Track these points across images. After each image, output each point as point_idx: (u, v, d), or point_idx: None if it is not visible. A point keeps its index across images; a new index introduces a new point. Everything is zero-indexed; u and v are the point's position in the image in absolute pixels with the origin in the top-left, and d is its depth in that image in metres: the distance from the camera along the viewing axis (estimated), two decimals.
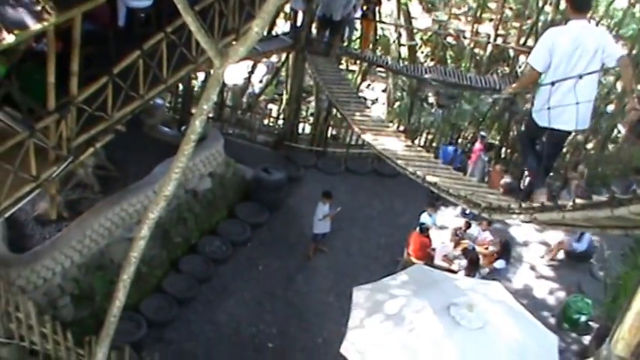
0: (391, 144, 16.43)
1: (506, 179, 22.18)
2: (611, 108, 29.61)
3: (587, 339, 18.04)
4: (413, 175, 13.73)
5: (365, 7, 24.58)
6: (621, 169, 23.53)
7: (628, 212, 6.06)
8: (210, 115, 24.05)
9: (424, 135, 26.21)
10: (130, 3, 15.32)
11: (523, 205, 9.00)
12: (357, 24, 25.86)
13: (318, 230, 19.72)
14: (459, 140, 25.89)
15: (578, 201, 7.23)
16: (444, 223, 21.71)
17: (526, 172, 11.46)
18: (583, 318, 18.43)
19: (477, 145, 22.55)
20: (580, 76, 8.42)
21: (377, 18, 27.70)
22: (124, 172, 17.89)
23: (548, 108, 8.97)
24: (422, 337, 13.00)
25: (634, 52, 26.81)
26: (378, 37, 32.83)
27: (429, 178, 12.96)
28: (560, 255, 20.92)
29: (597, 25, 27.78)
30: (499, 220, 14.03)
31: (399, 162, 14.60)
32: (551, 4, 27.43)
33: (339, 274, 19.19)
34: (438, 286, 14.61)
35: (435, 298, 13.87)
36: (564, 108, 8.83)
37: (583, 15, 9.22)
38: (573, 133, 10.41)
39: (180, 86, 22.27)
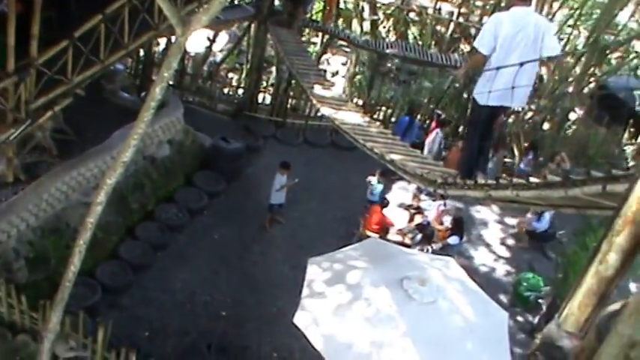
0: (350, 118, 16.53)
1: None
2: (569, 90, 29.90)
3: (537, 316, 18.34)
4: (370, 151, 13.87)
5: None
6: (575, 151, 23.85)
7: (581, 193, 6.25)
8: (171, 82, 23.95)
9: (383, 110, 26.34)
10: None
11: (478, 181, 9.21)
12: None
13: (274, 201, 19.77)
14: (418, 116, 26.02)
15: (533, 180, 7.42)
16: (399, 198, 21.90)
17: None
18: (534, 295, 18.77)
19: (434, 124, 22.72)
20: (521, 64, 8.94)
21: None
22: (82, 137, 17.81)
23: (489, 92, 9.61)
24: (374, 309, 13.14)
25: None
26: (340, 10, 32.80)
27: (387, 156, 13.13)
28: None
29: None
30: (454, 196, 14.24)
31: (357, 137, 14.71)
32: None
33: (295, 245, 19.29)
34: (392, 260, 14.74)
35: (389, 272, 14.00)
36: (501, 85, 9.34)
37: (527, 2, 9.83)
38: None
39: (142, 52, 22.14)
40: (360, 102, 25.62)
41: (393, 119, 25.57)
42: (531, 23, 9.59)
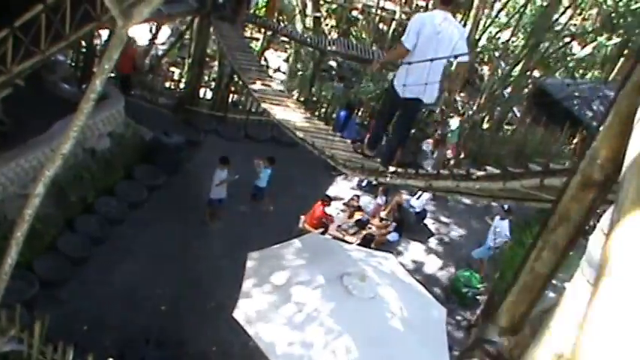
0: (290, 114, 16.58)
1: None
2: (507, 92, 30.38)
3: (474, 312, 18.59)
4: (310, 146, 13.96)
5: None
6: (515, 151, 24.20)
7: (519, 185, 6.42)
8: (112, 74, 23.78)
9: (324, 107, 26.43)
10: None
11: (420, 172, 9.46)
12: None
13: (214, 195, 19.72)
14: (358, 113, 26.16)
15: (474, 171, 7.58)
16: (338, 194, 22.02)
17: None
18: (471, 292, 19.01)
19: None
20: (432, 60, 9.92)
21: None
22: (21, 128, 17.56)
23: (404, 85, 10.58)
24: (314, 305, 13.21)
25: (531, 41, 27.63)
26: (282, 7, 32.84)
27: (327, 151, 13.24)
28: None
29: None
30: (395, 187, 14.49)
31: (296, 132, 14.79)
32: None
33: (235, 240, 19.26)
34: (332, 256, 14.86)
35: (329, 267, 14.10)
36: (419, 79, 10.26)
37: (448, 8, 10.61)
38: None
39: (83, 44, 21.92)
40: (302, 99, 25.65)
41: (334, 116, 25.66)
42: (449, 27, 10.45)
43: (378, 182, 13.00)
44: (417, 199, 21.25)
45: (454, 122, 23.83)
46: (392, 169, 11.13)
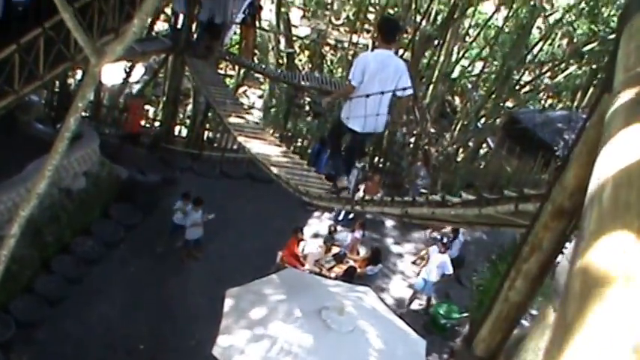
0: (266, 148, 16.61)
1: None
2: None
3: (454, 343, 18.57)
4: (285, 183, 14.08)
5: (246, 12, 24.65)
6: (490, 182, 24.33)
7: (495, 211, 6.49)
8: (87, 114, 23.76)
9: (299, 142, 26.52)
10: None
11: (395, 198, 9.58)
12: (237, 29, 25.98)
13: (189, 236, 19.67)
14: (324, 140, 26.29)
15: (449, 198, 7.66)
16: (315, 229, 22.05)
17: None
18: (449, 323, 19.03)
19: None
20: (382, 92, 10.74)
21: (257, 24, 27.86)
22: None
23: (347, 117, 11.31)
24: (294, 340, 13.18)
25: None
26: (256, 43, 32.99)
27: (301, 187, 13.40)
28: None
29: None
30: (372, 213, 14.63)
31: (272, 168, 14.86)
32: (428, 19, 28.15)
33: (213, 278, 19.17)
34: (310, 290, 14.85)
35: (307, 302, 14.09)
36: (366, 112, 10.83)
37: (389, 46, 11.29)
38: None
39: (57, 83, 21.92)
40: (277, 134, 25.72)
41: (309, 151, 25.72)
42: (392, 64, 11.13)
43: (353, 211, 13.28)
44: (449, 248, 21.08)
45: None
46: (367, 197, 11.51)
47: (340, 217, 22.48)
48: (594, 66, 28.25)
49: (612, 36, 25.21)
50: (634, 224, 1.41)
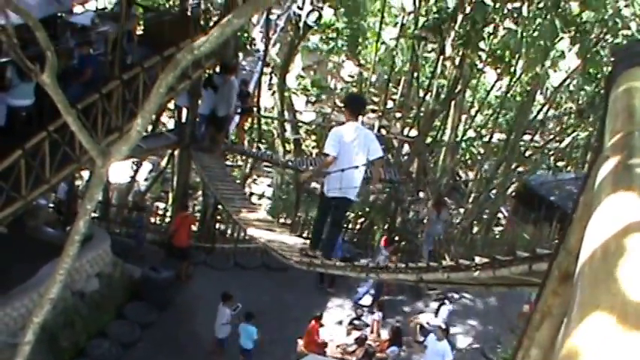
0: (277, 238, 16.49)
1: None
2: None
3: None
4: (299, 264, 14.00)
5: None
6: (506, 252, 24.09)
7: (509, 272, 6.45)
8: (96, 214, 23.76)
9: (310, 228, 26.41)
10: (11, 102, 15.16)
11: (410, 264, 9.64)
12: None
13: (223, 334, 19.38)
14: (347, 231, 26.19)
15: (462, 261, 7.62)
16: (337, 313, 21.84)
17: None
18: None
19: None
20: (357, 167, 12.01)
21: (253, 111, 28.03)
22: (6, 276, 17.36)
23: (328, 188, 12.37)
24: None
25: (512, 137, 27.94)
26: (262, 132, 33.19)
27: (319, 269, 13.33)
28: None
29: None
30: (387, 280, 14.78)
31: (284, 254, 14.77)
32: (431, 94, 28.31)
33: None
34: None
35: None
36: (342, 182, 11.93)
37: (356, 119, 12.45)
38: None
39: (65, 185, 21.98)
40: (288, 221, 25.67)
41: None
42: (362, 134, 12.33)
43: (368, 279, 13.64)
44: (437, 316, 20.98)
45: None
46: (381, 264, 11.46)
47: (360, 300, 22.32)
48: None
49: None
50: (610, 303, 1.41)
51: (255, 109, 28.36)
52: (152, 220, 27.08)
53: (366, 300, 22.23)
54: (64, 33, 18.33)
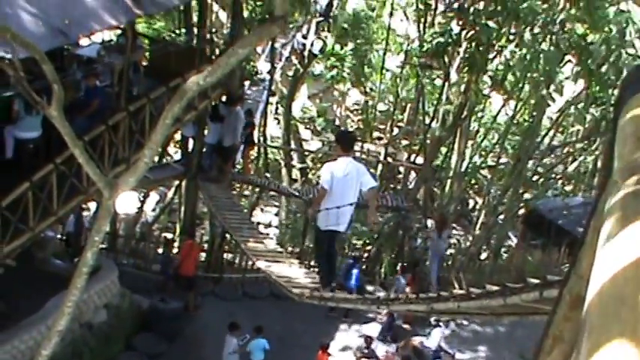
0: (286, 271, 16.40)
1: None
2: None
3: None
4: (310, 299, 14.07)
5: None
6: (515, 278, 24.00)
7: (520, 300, 6.41)
8: (104, 245, 23.75)
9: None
10: (19, 134, 15.22)
11: (420, 295, 9.71)
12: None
13: None
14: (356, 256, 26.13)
15: (473, 290, 7.59)
16: (344, 341, 21.75)
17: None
18: None
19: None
20: (351, 204, 12.52)
21: (258, 141, 28.11)
22: (14, 308, 17.34)
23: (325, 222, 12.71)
24: None
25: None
26: (268, 161, 33.24)
27: (330, 303, 13.94)
28: None
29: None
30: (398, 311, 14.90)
31: (294, 290, 14.83)
32: (437, 121, 28.33)
33: None
34: None
35: None
36: (337, 217, 12.49)
37: (349, 154, 12.96)
38: None
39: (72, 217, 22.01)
40: (296, 250, 25.63)
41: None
42: (354, 169, 12.69)
43: (379, 310, 13.94)
44: (429, 338, 21.02)
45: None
46: (392, 295, 11.62)
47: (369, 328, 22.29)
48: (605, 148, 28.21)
49: None
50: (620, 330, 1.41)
51: (261, 138, 28.43)
52: (159, 250, 27.04)
53: (374, 329, 22.13)
54: (70, 65, 18.45)
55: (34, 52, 9.31)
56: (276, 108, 36.63)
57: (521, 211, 29.97)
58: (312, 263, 24.23)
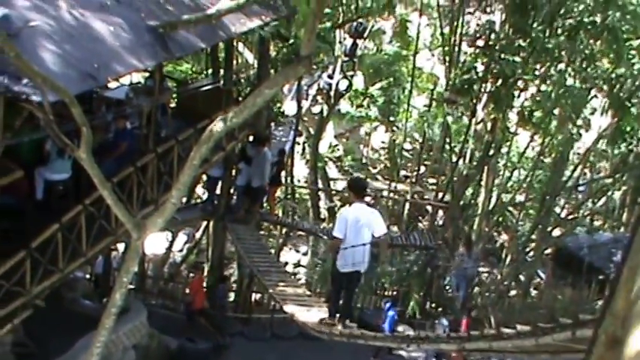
0: (315, 316, 16.22)
1: None
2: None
3: None
4: (339, 336, 14.21)
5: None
6: (545, 315, 23.77)
7: (552, 340, 6.38)
8: (132, 286, 23.79)
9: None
10: (48, 176, 15.34)
11: (452, 334, 9.78)
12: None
13: None
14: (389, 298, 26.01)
15: (505, 330, 7.58)
16: None
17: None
18: None
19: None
20: (364, 244, 13.31)
21: (285, 181, 28.21)
22: (44, 349, 17.37)
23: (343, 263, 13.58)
24: None
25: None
26: (296, 201, 33.27)
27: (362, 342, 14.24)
28: None
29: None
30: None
31: (323, 335, 14.92)
32: (464, 159, 28.28)
33: None
34: None
35: None
36: (354, 258, 13.35)
37: (361, 199, 13.79)
38: None
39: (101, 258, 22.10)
40: (324, 291, 25.53)
41: (358, 305, 25.40)
42: (366, 214, 13.52)
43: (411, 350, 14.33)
44: None
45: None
46: (422, 334, 12.32)
47: None
48: (634, 184, 28.02)
49: None
50: None
51: (288, 178, 28.46)
52: (187, 291, 27.08)
53: None
54: (99, 107, 18.60)
55: (64, 95, 9.40)
56: (303, 148, 36.70)
57: (550, 248, 29.75)
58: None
